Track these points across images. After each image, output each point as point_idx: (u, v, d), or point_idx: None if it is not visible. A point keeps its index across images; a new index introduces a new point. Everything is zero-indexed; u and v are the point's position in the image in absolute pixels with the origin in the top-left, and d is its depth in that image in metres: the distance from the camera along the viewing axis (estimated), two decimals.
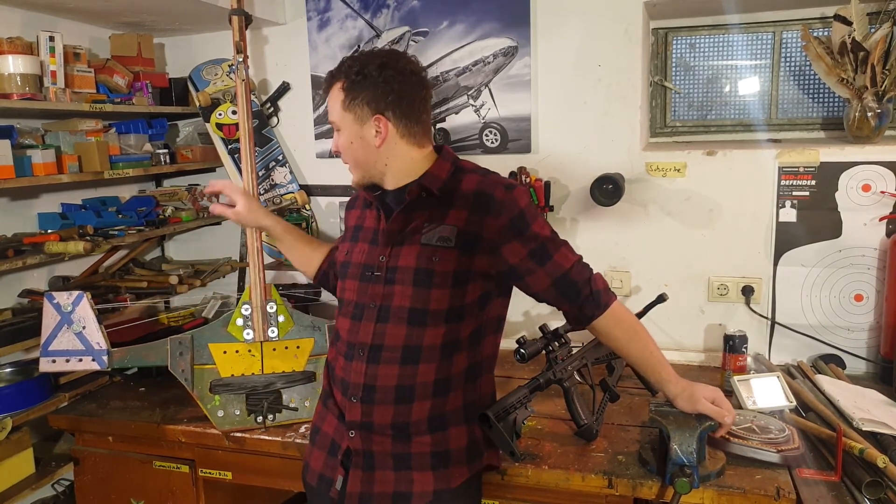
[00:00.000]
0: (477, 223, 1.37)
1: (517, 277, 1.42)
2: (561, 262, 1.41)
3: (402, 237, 1.40)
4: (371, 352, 1.39)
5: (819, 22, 2.20)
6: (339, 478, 1.43)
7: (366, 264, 1.44)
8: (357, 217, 1.55)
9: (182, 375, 1.83)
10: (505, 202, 1.37)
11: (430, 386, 1.38)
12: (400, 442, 1.39)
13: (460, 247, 1.36)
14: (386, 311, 1.39)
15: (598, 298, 1.43)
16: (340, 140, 1.44)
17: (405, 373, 1.38)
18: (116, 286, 2.36)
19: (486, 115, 2.36)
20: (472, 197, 1.38)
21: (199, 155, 2.55)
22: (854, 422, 1.61)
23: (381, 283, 1.40)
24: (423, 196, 1.40)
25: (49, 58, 1.95)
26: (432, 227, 1.38)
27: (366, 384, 1.39)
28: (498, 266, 1.39)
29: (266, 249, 2.47)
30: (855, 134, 2.06)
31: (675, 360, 2.19)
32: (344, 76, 1.40)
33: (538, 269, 1.40)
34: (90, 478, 2.02)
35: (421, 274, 1.37)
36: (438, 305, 1.37)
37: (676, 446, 1.41)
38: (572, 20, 2.22)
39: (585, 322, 1.46)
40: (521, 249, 1.38)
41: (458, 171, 1.43)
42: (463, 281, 1.37)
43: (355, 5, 2.43)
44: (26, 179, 1.86)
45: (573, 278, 1.42)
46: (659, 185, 2.23)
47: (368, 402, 1.39)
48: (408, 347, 1.37)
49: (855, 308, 2.10)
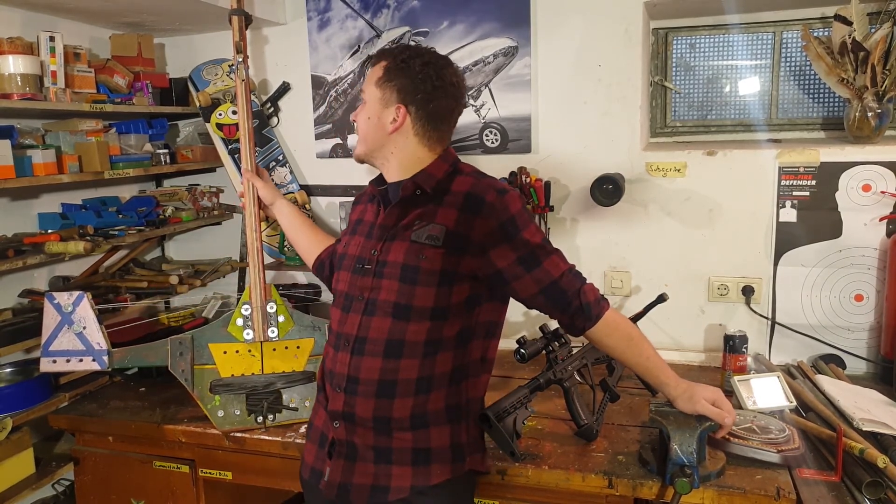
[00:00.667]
0: (466, 224, 1.37)
1: (504, 282, 1.41)
2: (550, 269, 1.39)
3: (395, 232, 1.42)
4: (356, 343, 1.41)
5: (819, 22, 2.20)
6: (326, 469, 1.45)
7: (359, 256, 1.47)
8: (360, 211, 1.58)
9: (182, 375, 1.83)
10: (495, 206, 1.37)
11: (412, 383, 1.39)
12: (381, 436, 1.40)
13: (448, 246, 1.37)
14: (373, 304, 1.41)
15: (589, 311, 1.41)
16: (361, 111, 1.48)
17: (387, 367, 1.38)
18: (117, 286, 2.36)
19: (486, 115, 2.36)
20: (463, 198, 1.39)
21: (199, 155, 2.55)
22: (854, 422, 1.61)
23: (371, 276, 1.42)
24: (416, 194, 1.43)
25: (49, 58, 1.95)
26: (422, 224, 1.39)
27: (349, 375, 1.41)
28: (485, 269, 1.39)
29: (266, 249, 2.47)
30: (855, 134, 2.06)
31: (675, 360, 2.19)
32: (391, 57, 1.44)
33: (525, 275, 1.38)
34: (90, 478, 2.02)
35: (408, 270, 1.38)
36: (422, 302, 1.37)
37: (677, 446, 1.41)
38: (572, 20, 2.22)
39: (577, 333, 1.46)
40: (510, 254, 1.37)
41: (454, 173, 1.45)
42: (449, 281, 1.37)
43: (355, 5, 2.43)
44: (26, 179, 1.86)
45: (562, 287, 1.40)
46: (659, 185, 2.23)
47: (351, 394, 1.41)
48: (391, 342, 1.38)
49: (855, 308, 2.10)
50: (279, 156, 2.58)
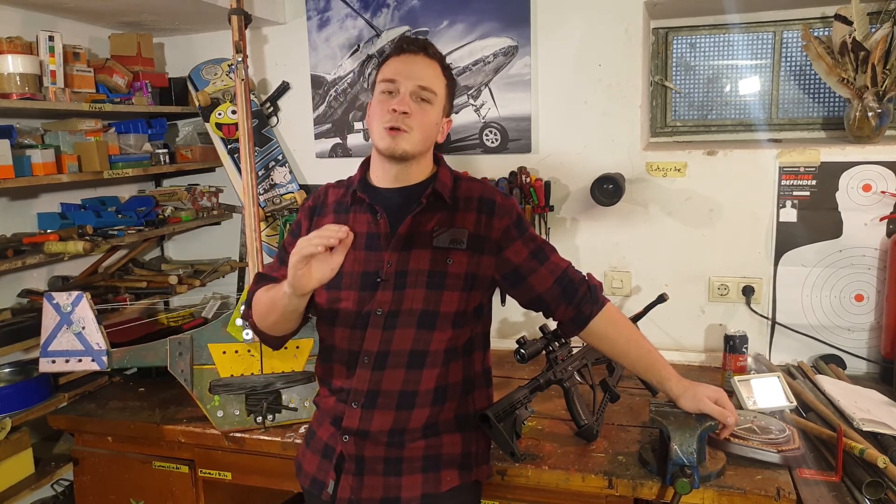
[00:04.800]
0: (485, 226, 1.41)
1: (521, 278, 1.44)
2: (558, 262, 1.48)
3: (413, 241, 1.39)
4: (378, 359, 1.37)
5: (819, 22, 2.19)
6: (330, 482, 1.41)
7: (366, 272, 1.39)
8: (330, 223, 1.34)
9: (181, 376, 1.83)
10: (505, 206, 1.45)
11: (430, 393, 1.39)
12: (393, 447, 1.39)
13: (471, 248, 1.40)
14: (394, 317, 1.37)
15: (595, 294, 1.47)
16: (425, 111, 1.37)
17: (410, 378, 1.37)
18: (116, 286, 2.35)
19: (486, 114, 2.35)
20: (477, 202, 1.43)
21: (198, 155, 2.55)
22: (854, 422, 1.61)
23: (390, 289, 1.37)
24: (437, 201, 1.42)
25: (49, 57, 1.95)
26: (443, 230, 1.40)
27: (370, 390, 1.38)
28: (502, 268, 1.43)
29: (265, 249, 2.47)
30: (855, 134, 2.06)
31: (675, 360, 2.19)
32: (445, 69, 1.43)
33: (540, 267, 1.44)
34: (90, 478, 2.02)
35: (434, 276, 1.37)
36: (448, 308, 1.38)
37: (677, 446, 1.40)
38: (572, 20, 2.22)
39: (583, 322, 1.46)
40: (523, 249, 1.44)
41: (457, 179, 1.48)
42: (470, 285, 1.40)
43: (355, 5, 2.42)
44: (26, 179, 1.86)
45: (571, 276, 1.47)
46: (659, 185, 2.22)
47: (370, 408, 1.38)
48: (414, 352, 1.37)
49: (855, 308, 2.10)
50: (278, 155, 2.58)
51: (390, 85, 1.37)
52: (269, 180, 2.55)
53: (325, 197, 1.50)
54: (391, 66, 1.39)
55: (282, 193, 2.56)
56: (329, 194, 1.50)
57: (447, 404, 1.41)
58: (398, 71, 1.37)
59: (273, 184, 2.56)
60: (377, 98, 1.39)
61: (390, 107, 1.34)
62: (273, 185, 2.56)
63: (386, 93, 1.37)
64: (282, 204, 2.54)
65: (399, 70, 1.37)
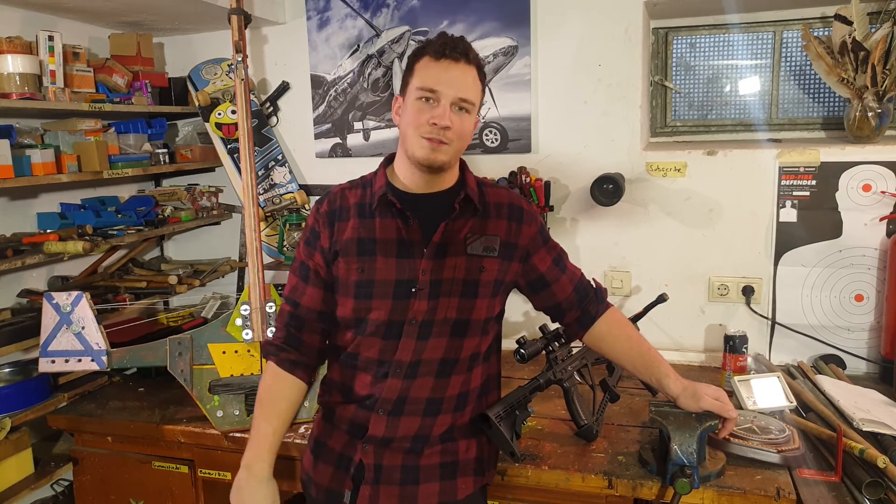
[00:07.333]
0: (515, 233, 1.43)
1: (545, 285, 1.47)
2: (573, 269, 1.53)
3: (444, 248, 1.36)
4: (409, 368, 1.35)
5: (819, 21, 2.19)
6: (347, 492, 1.38)
7: (399, 280, 1.34)
8: (355, 228, 1.38)
9: (181, 376, 1.83)
10: (530, 213, 1.47)
11: (454, 399, 1.39)
12: (411, 455, 1.38)
13: (501, 256, 1.41)
14: (428, 326, 1.34)
15: (601, 295, 1.53)
16: (464, 121, 1.33)
17: (438, 385, 1.37)
18: (115, 286, 2.35)
19: (486, 114, 2.35)
20: (507, 208, 1.44)
21: (198, 155, 2.55)
22: (854, 422, 1.61)
23: (426, 299, 1.33)
24: (468, 207, 1.39)
25: (48, 57, 1.95)
26: (475, 237, 1.39)
27: (398, 398, 1.36)
28: (529, 275, 1.46)
29: (265, 249, 2.47)
30: (855, 134, 2.06)
31: (675, 360, 2.19)
32: (480, 70, 1.36)
33: (561, 275, 1.49)
34: (89, 478, 2.02)
35: (469, 285, 1.37)
36: (479, 315, 1.38)
37: (677, 447, 1.40)
38: (572, 20, 2.22)
39: (589, 322, 1.50)
40: (547, 257, 1.48)
41: (480, 184, 1.45)
42: (496, 291, 1.41)
43: (355, 5, 2.42)
44: (25, 179, 1.86)
45: (583, 281, 1.53)
46: (659, 185, 2.22)
47: (396, 415, 1.36)
48: (444, 360, 1.37)
49: (855, 308, 2.10)
50: (278, 155, 2.58)
51: (430, 93, 1.30)
52: (268, 180, 2.55)
53: (342, 200, 1.42)
54: (431, 74, 1.31)
55: (281, 193, 2.56)
56: (348, 196, 1.42)
57: (467, 408, 1.42)
58: (439, 80, 1.30)
59: (273, 184, 2.56)
60: (414, 104, 1.32)
61: (430, 119, 1.29)
62: (273, 184, 2.56)
63: (423, 99, 1.31)
64: (281, 204, 2.54)
65: (440, 79, 1.30)
